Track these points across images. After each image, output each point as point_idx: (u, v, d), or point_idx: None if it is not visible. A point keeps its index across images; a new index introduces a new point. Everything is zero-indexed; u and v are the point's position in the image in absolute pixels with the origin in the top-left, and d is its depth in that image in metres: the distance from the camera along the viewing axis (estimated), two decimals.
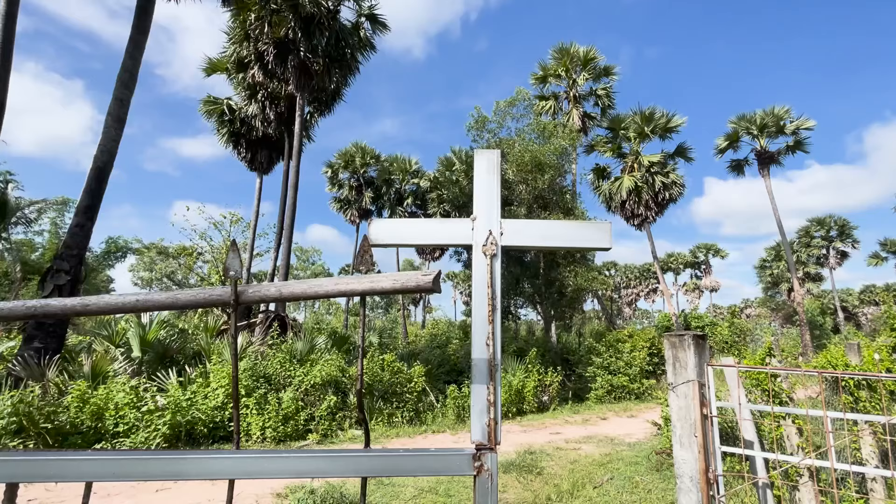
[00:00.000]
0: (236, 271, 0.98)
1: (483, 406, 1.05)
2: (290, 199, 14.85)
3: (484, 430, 1.04)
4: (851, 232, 39.63)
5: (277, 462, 0.94)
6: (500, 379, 1.06)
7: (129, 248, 32.44)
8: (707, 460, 2.86)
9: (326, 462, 0.94)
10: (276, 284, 1.00)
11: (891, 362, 6.15)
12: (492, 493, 0.96)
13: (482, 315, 1.10)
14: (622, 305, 57.37)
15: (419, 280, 0.93)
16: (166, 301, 0.99)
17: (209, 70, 17.70)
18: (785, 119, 23.98)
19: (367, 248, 1.03)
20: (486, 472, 0.97)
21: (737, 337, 19.99)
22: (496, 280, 1.14)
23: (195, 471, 0.94)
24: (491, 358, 1.06)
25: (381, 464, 0.96)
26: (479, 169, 1.23)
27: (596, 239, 1.18)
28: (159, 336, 10.35)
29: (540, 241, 1.18)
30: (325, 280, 0.98)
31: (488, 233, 1.16)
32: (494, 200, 1.21)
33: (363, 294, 0.97)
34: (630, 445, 7.45)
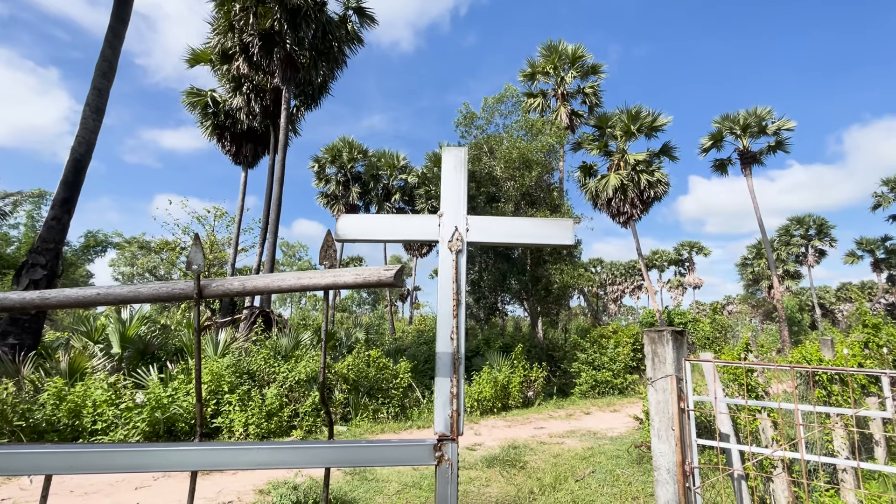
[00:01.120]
0: (199, 265, 0.96)
1: (446, 398, 1.06)
2: (275, 193, 14.66)
3: (447, 422, 1.04)
4: (829, 231, 40.72)
5: (239, 454, 0.94)
6: (463, 372, 1.07)
7: (110, 243, 31.73)
8: (684, 453, 2.92)
9: (288, 454, 0.94)
10: (240, 278, 0.99)
11: (863, 357, 6.35)
12: (451, 482, 0.97)
13: (447, 309, 1.11)
14: (608, 302, 58.10)
15: (381, 275, 0.93)
16: (128, 295, 0.97)
17: (192, 61, 17.34)
18: (767, 120, 24.45)
19: (330, 242, 1.03)
20: (446, 462, 0.98)
21: (718, 333, 20.42)
22: (461, 275, 1.15)
23: (156, 463, 0.93)
24: (455, 351, 1.06)
25: (343, 454, 0.96)
26: (446, 166, 1.23)
27: (559, 235, 1.20)
28: (140, 332, 10.17)
29: (505, 238, 1.20)
30: (288, 274, 0.97)
31: (454, 229, 1.16)
32: (461, 197, 1.21)
33: (326, 288, 0.97)
34: (612, 439, 7.57)
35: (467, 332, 21.72)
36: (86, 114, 9.32)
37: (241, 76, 16.09)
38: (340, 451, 0.95)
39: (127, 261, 35.99)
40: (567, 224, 1.19)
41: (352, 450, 0.96)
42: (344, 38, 15.70)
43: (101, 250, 31.05)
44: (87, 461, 0.91)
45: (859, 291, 48.01)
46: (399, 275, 0.94)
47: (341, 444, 0.95)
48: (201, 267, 0.96)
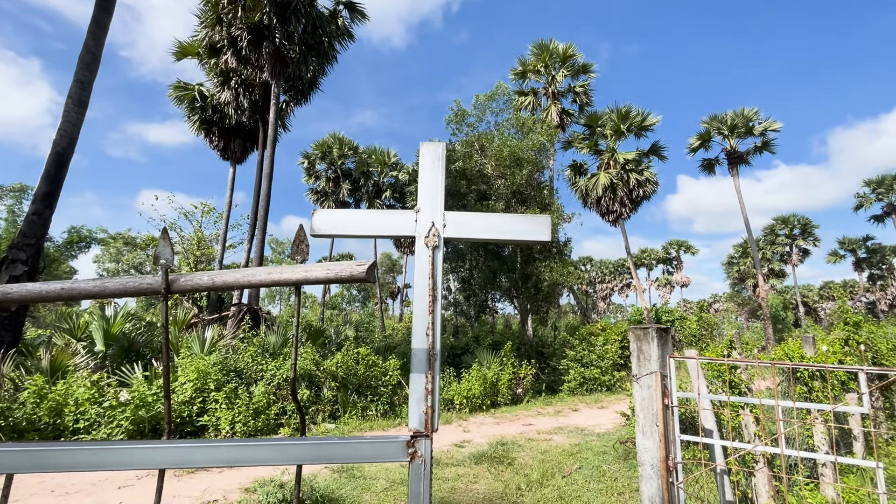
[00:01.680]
0: (167, 259, 0.95)
1: (421, 394, 1.05)
2: (264, 189, 14.51)
3: (421, 418, 1.04)
4: (813, 231, 41.50)
5: (207, 452, 0.92)
6: (438, 368, 1.07)
7: (94, 239, 31.13)
8: (667, 448, 2.96)
9: (259, 451, 0.92)
10: (209, 273, 0.97)
11: (843, 354, 6.48)
12: (424, 478, 0.97)
13: (423, 305, 1.10)
14: (597, 300, 58.60)
15: (353, 270, 0.92)
16: (93, 290, 0.95)
17: (179, 54, 17.05)
18: (754, 120, 24.80)
19: (303, 237, 1.02)
20: (419, 458, 0.98)
21: (704, 331, 20.72)
22: (437, 271, 1.14)
23: (122, 461, 0.91)
24: (430, 347, 1.06)
25: (315, 451, 0.96)
26: (424, 161, 1.22)
27: (536, 232, 1.20)
28: (125, 329, 10.01)
29: (482, 234, 1.19)
30: (259, 269, 0.96)
31: (431, 224, 1.16)
32: (438, 193, 1.21)
33: (297, 283, 0.95)
34: (599, 436, 7.65)
35: (458, 329, 21.76)
36: (68, 106, 9.12)
37: (230, 70, 15.87)
38: (312, 448, 0.94)
39: (112, 257, 35.37)
40: (544, 220, 1.19)
41: (323, 447, 0.95)
42: (334, 34, 15.55)
43: (84, 246, 30.46)
44: (48, 460, 0.89)
45: (842, 290, 49.05)
46: (371, 270, 0.94)
47: (313, 441, 0.95)
48: (170, 261, 0.94)
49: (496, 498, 4.91)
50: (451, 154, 16.70)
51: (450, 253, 17.68)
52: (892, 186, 35.67)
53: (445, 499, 4.91)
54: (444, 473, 5.72)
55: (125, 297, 0.93)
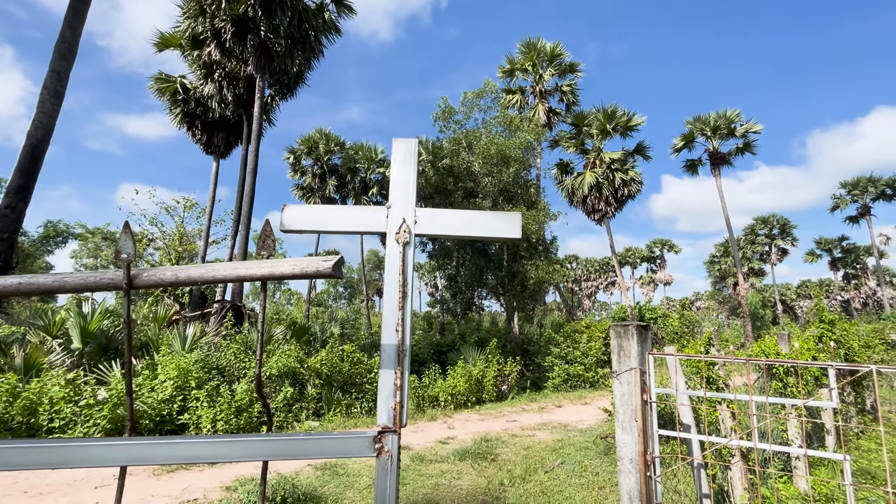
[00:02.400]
0: (129, 254, 0.93)
1: (390, 390, 1.05)
2: (248, 184, 14.28)
3: (390, 414, 1.04)
4: (791, 231, 42.59)
5: (169, 448, 0.91)
6: (408, 364, 1.07)
7: (71, 233, 30.30)
8: (646, 443, 3.01)
9: (225, 447, 0.91)
10: (172, 268, 0.96)
11: (817, 351, 6.67)
12: (391, 473, 0.97)
13: (393, 301, 1.10)
14: (583, 297, 59.25)
15: (319, 265, 0.92)
16: (53, 284, 0.92)
17: (161, 45, 16.65)
18: (736, 122, 25.29)
19: (269, 232, 1.01)
20: (386, 453, 0.98)
21: (686, 328, 21.09)
22: (408, 267, 1.14)
23: (83, 458, 0.89)
24: (400, 343, 1.06)
25: (281, 447, 0.95)
26: (396, 157, 1.22)
27: (506, 229, 1.21)
28: (102, 326, 9.77)
29: (453, 231, 1.19)
30: (223, 265, 0.95)
31: (402, 220, 1.16)
32: (410, 189, 1.21)
33: (263, 279, 0.94)
34: (581, 431, 7.75)
35: (444, 326, 21.79)
36: (43, 97, 8.84)
37: (213, 63, 15.56)
38: (278, 444, 0.94)
39: (90, 252, 34.49)
40: (515, 218, 1.20)
41: (289, 443, 0.95)
42: (321, 28, 15.36)
43: (61, 241, 29.63)
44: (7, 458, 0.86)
45: (818, 288, 50.45)
46: (338, 266, 0.93)
47: (278, 438, 0.94)
48: (131, 256, 0.92)
49: (479, 494, 4.94)
50: (438, 151, 16.67)
51: (437, 250, 17.67)
52: (867, 188, 36.77)
53: (428, 495, 4.92)
54: (428, 470, 5.73)
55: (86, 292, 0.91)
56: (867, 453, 6.32)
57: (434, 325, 22.73)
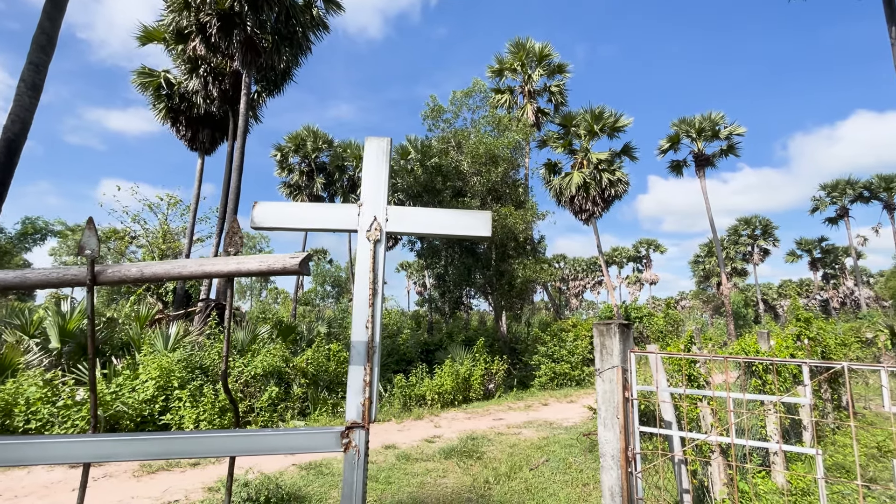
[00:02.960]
0: (92, 250, 0.91)
1: (359, 386, 1.06)
2: (233, 181, 14.10)
3: (359, 409, 1.05)
4: (773, 231, 43.52)
5: (132, 445, 0.90)
6: (377, 360, 1.08)
7: (51, 231, 29.58)
8: (627, 440, 3.05)
9: (190, 443, 0.91)
10: (138, 264, 0.95)
11: (795, 349, 6.83)
12: (358, 468, 0.97)
13: (363, 299, 1.11)
14: (570, 297, 59.76)
15: (286, 262, 0.92)
16: (13, 280, 0.91)
17: (144, 39, 16.32)
18: (720, 124, 25.74)
19: (236, 229, 1.00)
20: (353, 448, 0.99)
21: (671, 327, 21.42)
22: (379, 265, 1.15)
23: (42, 455, 0.88)
24: (369, 340, 1.07)
25: (248, 443, 0.95)
26: (368, 155, 1.22)
27: (477, 227, 1.22)
28: (82, 325, 9.56)
29: (424, 229, 1.20)
30: (189, 261, 0.94)
31: (373, 218, 1.16)
32: (382, 187, 1.21)
33: (229, 275, 0.94)
34: (567, 429, 7.82)
35: (432, 326, 21.78)
36: (21, 90, 8.60)
37: (198, 58, 15.31)
38: (245, 440, 0.93)
39: (70, 250, 33.69)
40: (484, 217, 1.21)
41: (255, 438, 0.95)
42: (309, 24, 15.22)
43: (40, 238, 28.89)
44: None
45: (798, 288, 51.64)
46: (305, 263, 0.93)
47: (244, 433, 0.93)
48: (95, 252, 0.91)
49: (464, 492, 4.96)
50: (427, 150, 16.65)
51: (425, 249, 17.65)
52: (846, 191, 37.73)
53: (414, 494, 4.92)
54: (414, 468, 5.73)
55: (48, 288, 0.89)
56: (842, 448, 6.49)
57: (422, 324, 22.72)
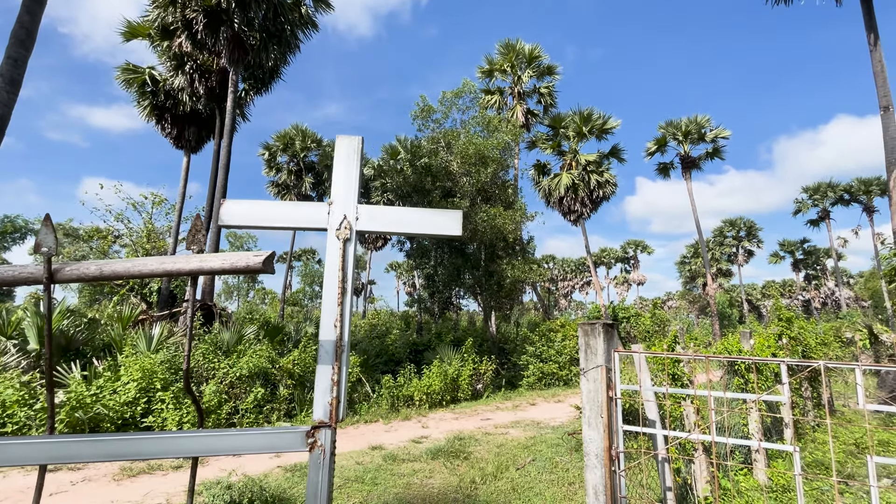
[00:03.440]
0: (49, 248, 0.89)
1: (327, 385, 1.04)
2: (220, 180, 13.92)
3: (326, 409, 1.03)
4: (757, 233, 44.30)
5: (92, 446, 0.87)
6: (345, 360, 1.07)
7: (31, 230, 28.87)
8: (611, 438, 3.07)
9: (150, 444, 0.89)
10: (97, 262, 0.92)
11: (777, 348, 6.95)
12: (323, 467, 0.96)
13: (332, 297, 1.10)
14: (559, 297, 60.14)
15: (250, 260, 0.90)
16: None
17: (128, 35, 16.04)
18: (706, 127, 26.13)
19: (199, 227, 0.98)
20: (319, 447, 0.97)
21: (657, 327, 21.68)
22: (348, 264, 1.14)
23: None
24: (338, 339, 1.06)
25: (211, 443, 0.93)
26: (339, 154, 1.21)
27: (448, 226, 1.22)
28: (62, 326, 9.35)
29: (395, 227, 1.20)
30: (150, 259, 0.92)
31: (343, 217, 1.15)
32: (353, 185, 1.20)
33: (191, 274, 0.92)
34: (554, 429, 7.86)
35: (421, 326, 21.74)
36: None
37: (184, 54, 15.09)
38: (208, 440, 0.91)
39: None
40: (456, 216, 1.21)
41: (218, 438, 0.93)
42: (297, 22, 15.10)
43: (19, 237, 28.20)
44: None
45: (781, 289, 52.63)
46: (269, 261, 0.91)
47: (206, 433, 0.92)
48: (52, 250, 0.88)
49: (451, 492, 4.95)
50: (417, 150, 16.63)
51: (414, 250, 17.62)
52: (827, 194, 38.56)
53: (400, 494, 4.90)
54: (400, 469, 5.71)
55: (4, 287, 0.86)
56: (822, 445, 6.63)
57: (411, 324, 22.67)
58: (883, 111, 11.89)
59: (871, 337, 14.02)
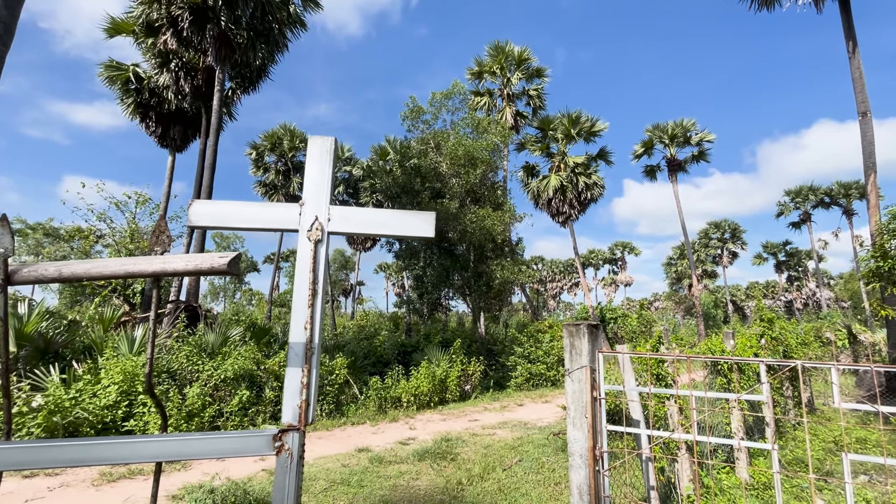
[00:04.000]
0: (6, 248, 0.86)
1: (296, 388, 1.03)
2: (206, 180, 13.73)
3: (295, 412, 1.02)
4: (741, 235, 45.10)
5: (51, 451, 0.84)
6: (316, 362, 1.06)
7: None
8: (595, 438, 3.08)
9: (113, 448, 0.86)
10: (56, 263, 0.90)
11: (759, 348, 7.07)
12: (290, 471, 0.95)
13: (302, 299, 1.08)
14: (548, 298, 60.48)
15: (214, 262, 0.89)
16: None
17: (112, 31, 15.74)
18: (691, 131, 26.55)
19: (163, 228, 0.97)
20: (286, 451, 0.96)
21: (644, 327, 21.94)
22: (319, 265, 1.13)
23: None
24: (308, 341, 1.04)
25: (175, 448, 0.91)
26: (311, 154, 1.20)
27: (420, 227, 1.22)
28: (40, 328, 9.12)
29: (367, 228, 1.19)
30: (112, 260, 0.90)
31: (314, 218, 1.14)
32: (325, 186, 1.19)
33: (154, 275, 0.90)
34: (541, 429, 7.89)
35: (410, 327, 21.68)
36: None
37: (169, 52, 14.86)
38: (171, 445, 0.89)
39: (31, 249, 32.16)
40: (428, 217, 1.20)
41: (182, 443, 0.91)
42: (285, 21, 14.96)
43: None
44: None
45: (764, 290, 53.63)
46: (234, 263, 0.90)
47: (170, 438, 0.90)
48: (9, 251, 0.86)
49: (437, 493, 4.94)
50: (406, 151, 16.61)
51: (403, 251, 17.57)
52: (808, 197, 39.42)
53: (386, 496, 4.87)
54: (387, 471, 5.68)
55: None
56: (802, 443, 6.76)
57: (400, 325, 22.60)
58: (861, 117, 12.20)
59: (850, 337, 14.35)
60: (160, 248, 0.95)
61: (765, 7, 14.73)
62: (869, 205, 11.90)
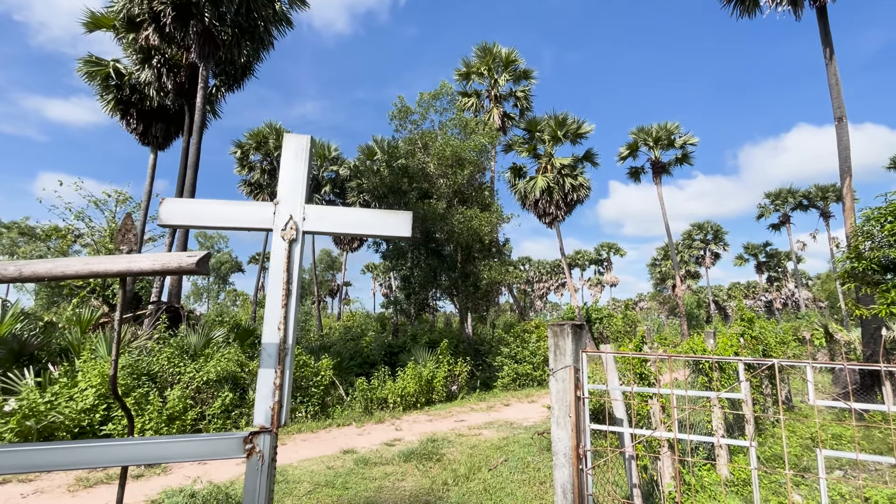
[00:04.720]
0: None
1: (269, 389, 1.02)
2: (188, 179, 13.49)
3: (267, 413, 1.01)
4: (723, 236, 46.02)
5: (11, 457, 0.81)
6: (289, 363, 1.04)
7: None
8: (578, 437, 3.11)
9: (80, 453, 0.84)
10: (16, 263, 0.87)
11: (739, 347, 7.21)
12: (262, 473, 0.94)
13: (276, 299, 1.07)
14: (535, 298, 60.85)
15: (182, 261, 0.87)
16: None
17: (91, 26, 15.37)
18: (675, 134, 26.98)
19: (129, 226, 0.95)
20: (257, 453, 0.95)
21: (629, 327, 22.22)
22: (293, 265, 1.11)
23: None
24: (281, 342, 1.03)
25: (143, 451, 0.89)
26: (286, 153, 1.18)
27: (398, 227, 1.21)
28: (15, 330, 8.85)
29: (343, 228, 1.18)
30: (75, 259, 0.88)
31: (289, 217, 1.13)
32: (300, 185, 1.18)
33: (119, 275, 0.88)
34: (526, 429, 7.93)
35: (397, 328, 21.62)
36: None
37: (151, 48, 14.56)
38: (140, 448, 0.87)
39: (5, 249, 31.19)
40: (405, 217, 1.20)
41: (150, 446, 0.89)
42: (271, 18, 14.79)
43: None
44: None
45: (745, 290, 54.78)
46: (203, 262, 0.88)
47: (138, 441, 0.87)
48: None
49: (422, 494, 4.93)
50: (394, 151, 16.54)
51: (390, 251, 17.50)
52: (787, 199, 40.40)
53: (371, 498, 4.84)
54: (372, 473, 5.65)
55: None
56: (780, 440, 6.91)
57: (387, 326, 22.51)
58: (837, 122, 12.55)
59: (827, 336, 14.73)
60: (126, 247, 0.93)
61: (746, 14, 15.06)
62: (845, 207, 12.24)
